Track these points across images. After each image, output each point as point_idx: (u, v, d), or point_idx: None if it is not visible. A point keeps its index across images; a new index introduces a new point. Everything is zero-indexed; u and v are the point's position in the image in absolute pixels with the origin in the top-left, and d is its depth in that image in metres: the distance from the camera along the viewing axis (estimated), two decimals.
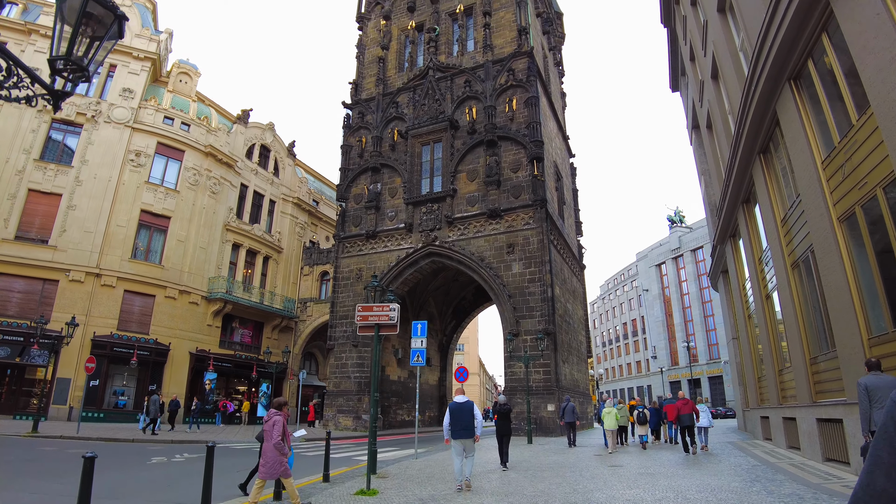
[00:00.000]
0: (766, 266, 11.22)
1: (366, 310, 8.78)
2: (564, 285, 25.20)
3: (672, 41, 21.68)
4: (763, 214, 10.43)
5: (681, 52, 20.59)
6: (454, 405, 7.99)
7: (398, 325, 8.67)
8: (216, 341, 27.19)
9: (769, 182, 9.99)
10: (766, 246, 10.78)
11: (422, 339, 12.26)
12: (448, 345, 33.57)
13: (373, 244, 25.51)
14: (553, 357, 21.11)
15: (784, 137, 8.66)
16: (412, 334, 12.41)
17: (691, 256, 60.56)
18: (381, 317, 8.58)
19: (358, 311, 8.89)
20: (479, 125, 24.60)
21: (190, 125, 28.15)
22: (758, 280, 12.03)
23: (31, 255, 22.49)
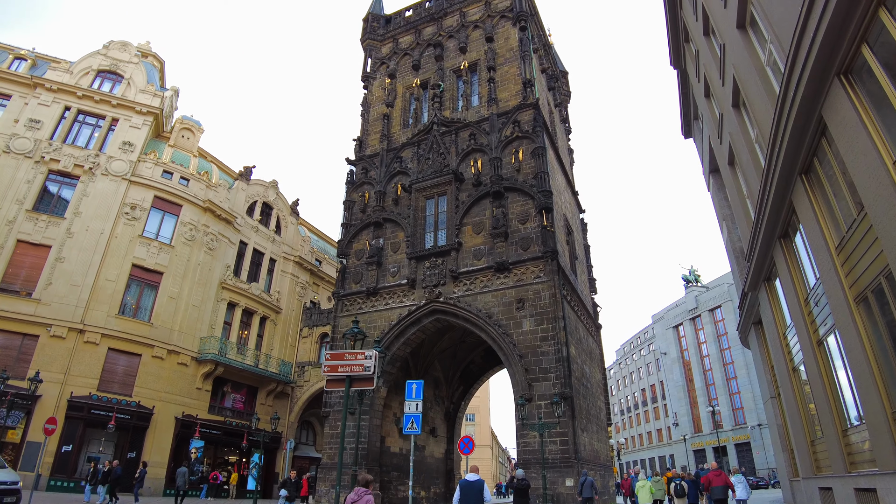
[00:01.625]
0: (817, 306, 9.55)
1: (335, 357, 7.23)
2: (580, 345, 23.33)
3: (683, 83, 20.86)
4: (811, 242, 8.87)
5: (693, 94, 19.70)
6: (464, 482, 7.69)
7: (376, 377, 7.06)
8: (205, 406, 25.27)
9: (816, 204, 8.52)
10: (817, 281, 9.16)
11: (417, 401, 10.57)
12: (455, 413, 31.23)
13: (373, 302, 24.00)
14: (570, 425, 19.00)
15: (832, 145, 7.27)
16: (406, 396, 10.73)
17: (709, 316, 58.25)
18: (354, 367, 7.01)
19: (325, 361, 7.32)
20: (484, 177, 23.63)
21: (189, 180, 27.49)
22: (805, 324, 10.30)
23: (12, 308, 21.35)
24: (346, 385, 7.11)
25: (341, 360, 7.15)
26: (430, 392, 28.88)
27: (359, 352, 7.14)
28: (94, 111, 26.88)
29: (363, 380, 7.16)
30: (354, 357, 7.16)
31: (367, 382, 7.16)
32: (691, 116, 22.24)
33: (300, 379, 30.07)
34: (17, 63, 27.82)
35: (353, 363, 7.08)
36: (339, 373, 7.07)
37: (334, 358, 7.29)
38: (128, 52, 29.46)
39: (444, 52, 29.25)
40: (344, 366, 7.12)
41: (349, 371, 7.08)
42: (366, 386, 7.13)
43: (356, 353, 7.19)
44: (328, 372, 7.19)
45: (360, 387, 7.15)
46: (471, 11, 29.82)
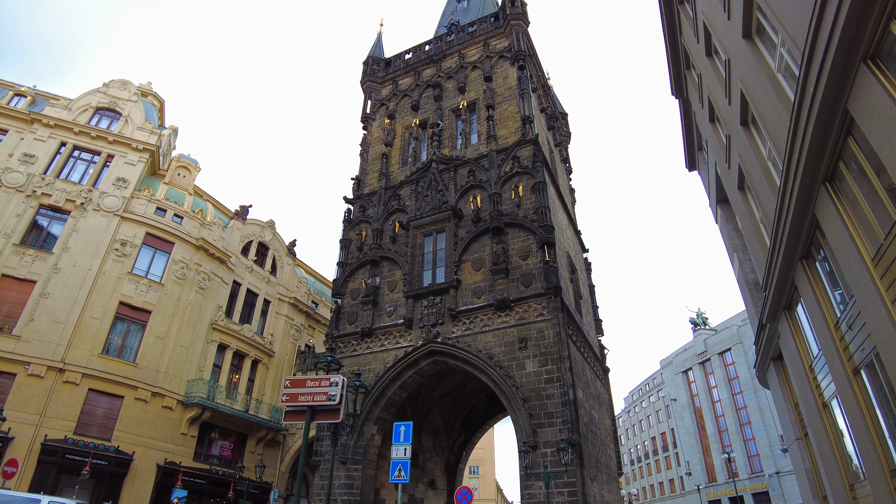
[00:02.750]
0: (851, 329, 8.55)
1: (295, 385, 6.25)
2: (588, 389, 22.07)
3: (685, 113, 20.42)
4: (841, 257, 7.96)
5: (696, 123, 19.19)
6: None
7: (343, 409, 6.07)
8: (190, 453, 23.82)
9: (844, 213, 7.67)
10: (850, 300, 8.21)
11: (405, 446, 9.51)
12: (457, 464, 29.59)
13: (368, 343, 22.92)
14: (579, 474, 17.60)
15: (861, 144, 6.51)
16: (393, 440, 9.63)
17: (719, 360, 56.52)
18: (317, 395, 6.02)
19: (284, 389, 6.36)
20: (483, 213, 23.00)
21: (183, 217, 26.94)
22: (838, 352, 9.26)
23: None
24: (307, 418, 6.11)
25: (302, 388, 6.18)
26: (429, 441, 27.38)
27: (323, 377, 6.17)
28: (90, 147, 26.64)
29: (327, 411, 6.16)
30: (318, 384, 6.19)
31: (333, 415, 6.16)
32: (695, 147, 21.74)
33: (292, 427, 28.59)
34: (17, 99, 27.86)
35: (316, 391, 6.11)
36: (300, 403, 6.08)
37: (294, 385, 6.32)
38: (127, 90, 29.52)
39: (443, 92, 29.26)
40: (305, 395, 6.14)
41: (311, 401, 6.10)
42: (330, 419, 6.15)
43: (320, 378, 6.22)
44: (287, 401, 6.20)
45: (325, 419, 6.16)
46: (469, 53, 30.01)
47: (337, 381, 6.04)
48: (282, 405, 6.42)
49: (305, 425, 5.99)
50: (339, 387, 6.04)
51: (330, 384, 6.03)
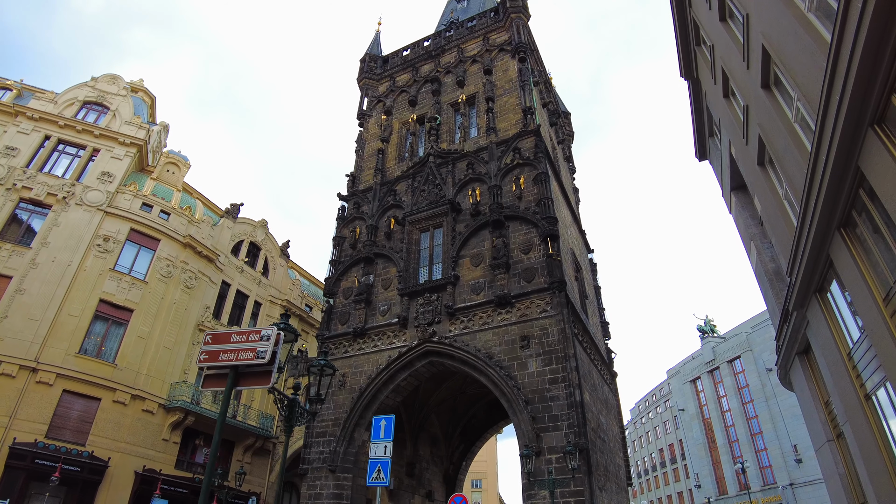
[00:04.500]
0: None
1: (217, 340, 5.00)
2: (595, 392, 20.71)
3: (695, 96, 19.22)
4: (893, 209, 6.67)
5: (707, 105, 18.00)
6: None
7: (275, 370, 4.81)
8: (172, 460, 22.47)
9: None
10: None
11: (385, 443, 8.27)
12: (456, 475, 28.14)
13: (360, 344, 21.63)
14: (587, 482, 16.20)
15: None
16: (372, 436, 8.34)
17: (728, 368, 54.82)
18: (243, 353, 4.76)
19: (203, 346, 5.13)
20: (483, 206, 21.81)
21: (170, 214, 25.84)
22: (890, 330, 7.93)
23: None
24: (229, 382, 4.87)
25: (225, 344, 4.94)
26: (427, 450, 25.99)
27: (252, 330, 4.94)
28: (75, 141, 25.65)
29: (255, 375, 4.91)
30: (244, 338, 4.96)
31: (262, 379, 4.89)
32: (706, 135, 20.52)
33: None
34: (2, 93, 26.96)
35: (241, 347, 4.88)
36: (221, 363, 4.84)
37: (216, 341, 5.09)
38: (116, 84, 28.59)
39: (442, 87, 28.25)
40: (228, 352, 4.91)
41: (234, 359, 4.86)
42: (259, 384, 4.89)
43: (248, 331, 4.99)
44: (206, 361, 4.96)
45: (252, 384, 4.91)
46: (469, 47, 29.03)
47: (269, 335, 4.80)
48: (198, 364, 5.17)
49: (226, 393, 4.72)
50: (270, 342, 4.79)
51: (260, 338, 4.78)
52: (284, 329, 7.85)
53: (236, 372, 4.85)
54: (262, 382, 4.80)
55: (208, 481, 4.74)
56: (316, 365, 7.79)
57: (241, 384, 4.91)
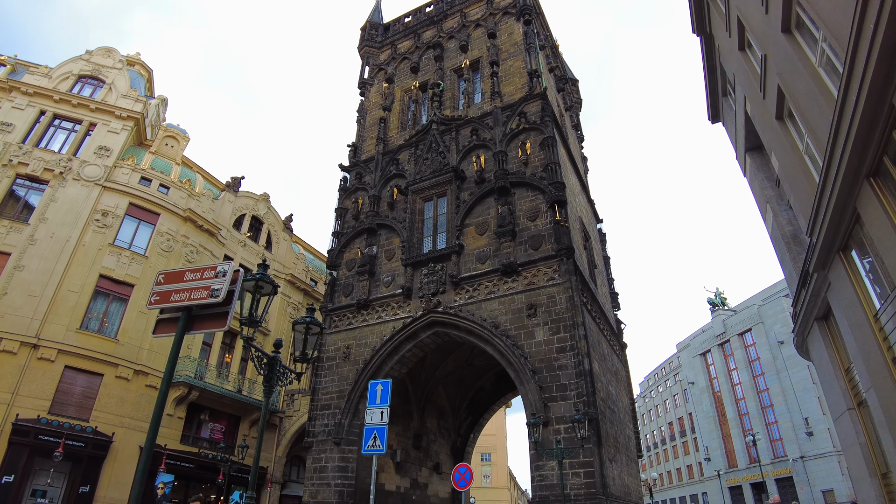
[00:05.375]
0: None
1: (169, 279, 4.50)
2: (604, 363, 20.23)
3: (708, 54, 18.28)
4: None
5: (720, 62, 17.09)
6: None
7: (231, 312, 4.31)
8: (177, 435, 22.31)
9: None
10: None
11: (382, 409, 7.87)
12: (464, 447, 27.92)
13: (364, 316, 21.22)
14: (597, 453, 15.80)
15: None
16: (368, 401, 7.91)
17: (739, 341, 54.28)
18: (196, 291, 4.26)
19: (154, 287, 4.65)
20: (487, 174, 21.12)
21: (170, 188, 25.36)
22: None
23: None
24: (180, 326, 4.38)
25: (177, 283, 4.43)
26: (434, 423, 25.74)
27: (207, 266, 4.44)
28: (70, 115, 25.12)
29: (209, 317, 4.40)
30: (199, 276, 4.44)
31: (217, 322, 4.39)
32: (719, 95, 19.59)
33: (289, 409, 27.10)
34: None
35: (195, 285, 4.36)
36: (173, 304, 4.34)
37: (168, 280, 4.58)
38: (112, 57, 27.93)
39: (445, 52, 27.34)
40: (180, 292, 4.41)
41: (186, 299, 4.36)
42: (214, 327, 4.41)
43: (202, 268, 4.49)
44: (157, 303, 4.48)
45: (206, 327, 4.43)
46: (472, 11, 28.01)
47: (224, 271, 4.28)
48: (149, 306, 4.67)
49: (176, 338, 4.22)
50: (226, 278, 4.27)
51: (216, 274, 4.25)
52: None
53: (189, 314, 4.33)
54: (217, 325, 4.28)
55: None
56: (301, 322, 7.30)
57: (194, 328, 4.41)
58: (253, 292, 6.48)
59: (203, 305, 4.28)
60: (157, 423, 3.95)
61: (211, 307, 4.27)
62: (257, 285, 6.45)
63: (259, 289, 6.51)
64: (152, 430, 3.90)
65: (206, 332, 4.60)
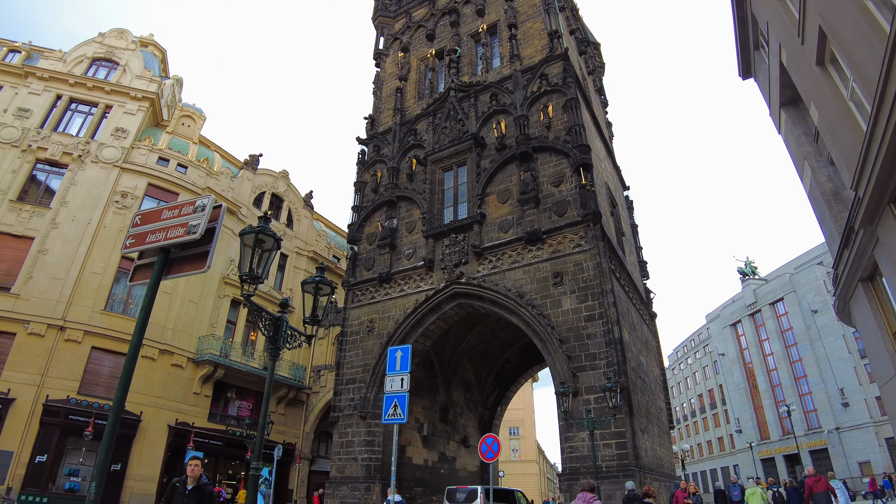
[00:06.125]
0: None
1: (146, 219, 4.05)
2: (634, 332, 19.60)
3: (738, 3, 17.15)
4: None
5: (751, 11, 15.95)
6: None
7: (213, 250, 3.83)
8: (204, 413, 22.48)
9: None
10: None
11: (402, 375, 7.46)
12: (491, 420, 27.73)
13: (387, 289, 20.88)
14: (628, 423, 15.32)
15: None
16: (387, 367, 7.51)
17: (770, 311, 52.79)
18: (174, 229, 3.81)
19: (130, 229, 4.19)
20: (508, 139, 20.39)
21: (187, 167, 25.20)
22: None
23: None
24: (156, 269, 3.93)
25: (154, 223, 3.97)
26: (460, 396, 25.51)
27: (185, 202, 3.95)
28: (86, 98, 25.01)
29: (189, 260, 3.95)
30: (176, 213, 3.97)
31: (196, 263, 3.93)
32: (750, 48, 18.41)
33: (315, 384, 27.12)
34: (12, 55, 26.29)
35: (172, 223, 3.90)
36: (149, 245, 3.88)
37: (145, 220, 4.13)
38: (125, 39, 27.66)
39: (461, 18, 26.40)
40: (156, 231, 3.95)
41: (163, 239, 3.91)
42: (193, 269, 3.93)
43: (180, 204, 4.00)
44: (133, 245, 4.03)
45: (185, 271, 3.96)
46: None
47: (204, 204, 3.80)
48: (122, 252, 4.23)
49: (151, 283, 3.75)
50: (205, 213, 3.79)
51: (194, 209, 3.78)
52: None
53: (166, 256, 3.87)
54: (196, 267, 3.81)
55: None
56: (310, 282, 6.88)
57: (172, 272, 3.94)
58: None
59: (182, 246, 3.81)
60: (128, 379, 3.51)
61: (190, 247, 3.79)
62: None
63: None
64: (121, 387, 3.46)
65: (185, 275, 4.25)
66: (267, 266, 5.74)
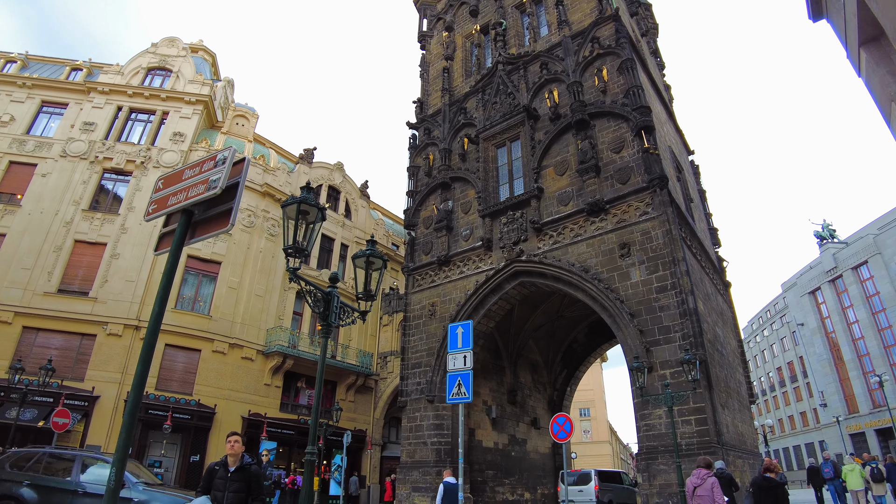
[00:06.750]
0: None
1: (169, 182, 3.60)
2: (709, 302, 18.47)
3: None
4: None
5: None
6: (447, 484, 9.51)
7: (236, 206, 3.33)
8: (276, 403, 23.06)
9: None
10: None
11: (465, 353, 7.03)
12: (561, 401, 27.07)
13: (446, 272, 20.60)
14: (708, 398, 14.43)
15: None
16: (449, 345, 7.10)
17: (853, 276, 49.17)
18: (194, 188, 3.32)
19: (153, 195, 3.75)
20: (562, 108, 19.54)
21: None
22: None
23: (71, 309, 20.66)
24: (178, 233, 3.50)
25: (176, 184, 3.54)
26: (528, 377, 25.01)
27: (206, 158, 3.46)
28: (144, 107, 25.97)
29: (212, 220, 3.49)
30: (198, 170, 3.56)
31: (219, 223, 3.45)
32: None
33: (383, 371, 27.33)
34: (74, 74, 27.69)
35: (192, 182, 3.49)
36: (171, 208, 3.47)
37: (168, 183, 3.74)
38: (175, 46, 28.49)
39: None
40: (178, 193, 3.55)
41: (184, 199, 3.50)
42: (216, 228, 3.43)
43: (202, 161, 3.54)
44: (156, 211, 3.63)
45: (208, 231, 3.48)
46: None
47: (224, 157, 3.33)
48: (145, 220, 3.87)
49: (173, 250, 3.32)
50: (225, 166, 3.33)
51: (215, 164, 3.32)
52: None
53: (189, 219, 3.42)
54: (220, 226, 3.28)
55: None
56: (361, 255, 6.60)
57: (197, 234, 3.48)
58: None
59: (206, 207, 3.40)
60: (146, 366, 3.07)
61: (214, 206, 3.37)
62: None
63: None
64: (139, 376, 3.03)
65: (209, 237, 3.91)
66: (312, 239, 5.45)
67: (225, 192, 3.29)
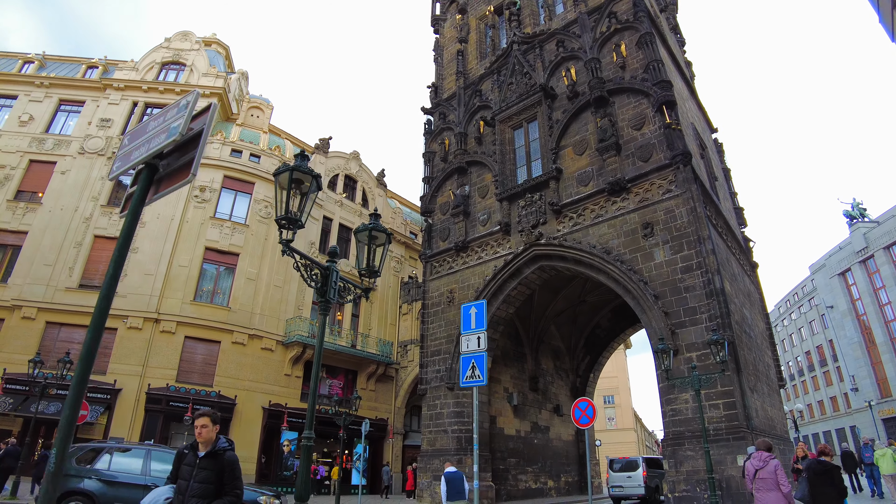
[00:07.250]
0: None
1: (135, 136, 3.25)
2: (735, 283, 17.86)
3: None
4: None
5: None
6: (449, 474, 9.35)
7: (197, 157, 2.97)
8: (296, 394, 23.04)
9: None
10: None
11: (479, 334, 6.71)
12: (584, 387, 26.67)
13: (464, 258, 20.28)
14: (737, 381, 13.92)
15: None
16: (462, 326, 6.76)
17: (885, 256, 47.52)
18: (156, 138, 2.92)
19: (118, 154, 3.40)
20: (580, 86, 18.98)
21: (260, 156, 25.71)
22: None
23: (92, 303, 20.36)
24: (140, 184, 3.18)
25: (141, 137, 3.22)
26: (550, 363, 24.64)
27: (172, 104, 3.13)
28: (159, 102, 26.02)
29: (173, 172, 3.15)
30: (162, 120, 3.25)
31: (180, 174, 3.08)
32: None
33: (403, 359, 27.19)
34: (90, 72, 27.86)
35: (156, 131, 3.17)
36: (134, 162, 3.16)
37: (133, 138, 3.44)
38: (189, 40, 28.49)
39: None
40: (141, 146, 3.24)
41: (146, 152, 3.20)
42: (178, 180, 3.05)
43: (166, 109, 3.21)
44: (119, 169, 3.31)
45: (172, 184, 3.12)
46: None
47: (187, 102, 3.00)
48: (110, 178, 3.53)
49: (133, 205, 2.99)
50: (186, 110, 3.02)
51: (178, 110, 3.00)
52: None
53: (152, 174, 3.09)
54: (181, 177, 2.90)
55: None
56: (363, 229, 6.28)
57: (162, 188, 3.12)
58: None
59: (168, 157, 3.08)
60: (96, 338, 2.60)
61: (176, 156, 3.05)
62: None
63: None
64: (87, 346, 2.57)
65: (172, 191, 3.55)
66: (307, 209, 5.16)
67: (190, 142, 2.98)
